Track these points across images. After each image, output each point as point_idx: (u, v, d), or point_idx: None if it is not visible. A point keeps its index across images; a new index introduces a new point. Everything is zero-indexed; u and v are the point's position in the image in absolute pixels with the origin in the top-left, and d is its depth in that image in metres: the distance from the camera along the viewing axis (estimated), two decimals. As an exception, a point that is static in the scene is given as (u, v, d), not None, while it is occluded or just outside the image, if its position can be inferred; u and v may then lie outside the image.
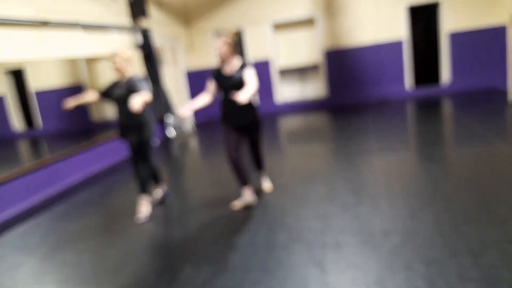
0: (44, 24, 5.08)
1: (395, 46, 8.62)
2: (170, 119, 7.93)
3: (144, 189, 3.82)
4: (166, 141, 7.78)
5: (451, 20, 8.24)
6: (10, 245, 3.60)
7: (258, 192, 3.98)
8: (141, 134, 3.68)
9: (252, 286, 2.43)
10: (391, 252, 2.59)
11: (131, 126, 3.68)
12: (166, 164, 5.90)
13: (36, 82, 5.16)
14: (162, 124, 8.04)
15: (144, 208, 3.80)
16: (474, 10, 8.05)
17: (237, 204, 3.70)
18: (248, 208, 3.63)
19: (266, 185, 4.09)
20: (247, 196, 3.68)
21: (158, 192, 4.14)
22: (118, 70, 3.65)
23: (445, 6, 8.19)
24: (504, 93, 7.12)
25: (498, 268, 2.26)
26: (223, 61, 3.47)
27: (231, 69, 3.49)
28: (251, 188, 3.73)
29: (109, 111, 7.03)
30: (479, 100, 7.26)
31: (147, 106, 3.70)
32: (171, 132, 7.92)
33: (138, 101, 3.23)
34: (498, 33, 7.87)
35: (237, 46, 3.52)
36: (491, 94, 7.64)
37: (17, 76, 4.87)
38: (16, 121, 4.93)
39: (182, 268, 2.77)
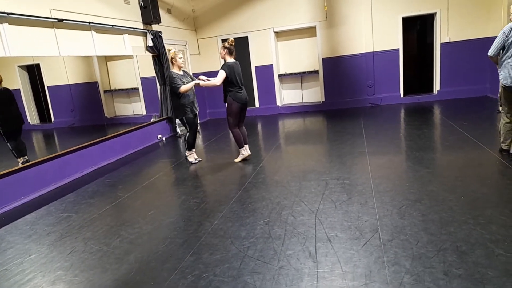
0: (58, 22, 5.04)
1: (391, 54, 8.56)
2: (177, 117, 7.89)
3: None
4: (174, 137, 7.74)
5: (446, 30, 8.17)
6: (19, 232, 3.56)
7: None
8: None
9: (249, 275, 2.38)
10: (379, 248, 2.53)
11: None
12: (173, 157, 5.86)
13: (50, 78, 5.11)
14: (169, 122, 7.99)
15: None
16: (469, 21, 7.98)
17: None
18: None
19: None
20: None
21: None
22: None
23: (440, 17, 8.12)
24: (495, 101, 7.04)
25: (484, 267, 2.19)
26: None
27: None
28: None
29: (119, 108, 6.99)
30: (470, 108, 7.20)
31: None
32: (178, 130, 7.87)
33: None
34: (490, 43, 7.77)
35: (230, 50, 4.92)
36: (482, 102, 7.58)
37: (32, 71, 4.81)
38: (30, 115, 4.88)
39: (183, 256, 2.72)
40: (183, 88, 4.84)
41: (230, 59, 4.92)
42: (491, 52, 4.05)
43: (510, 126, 4.13)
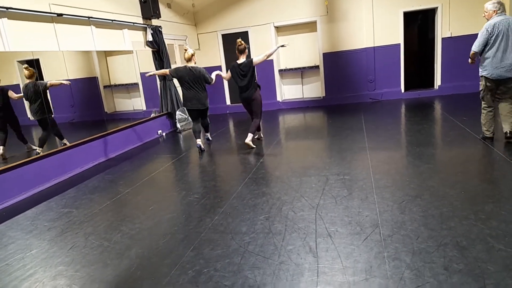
0: (57, 16, 5.01)
1: (392, 49, 8.52)
2: (177, 113, 7.87)
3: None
4: (174, 133, 7.73)
5: (447, 25, 8.12)
6: (20, 227, 3.56)
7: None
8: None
9: (249, 270, 2.39)
10: (379, 243, 2.53)
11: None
12: (173, 153, 5.86)
13: (49, 73, 5.10)
14: (170, 117, 7.98)
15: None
16: (470, 16, 7.91)
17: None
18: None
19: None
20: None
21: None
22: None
23: (442, 12, 8.07)
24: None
25: (484, 262, 2.20)
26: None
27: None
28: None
29: (119, 104, 6.98)
30: (471, 103, 7.18)
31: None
32: (178, 125, 7.86)
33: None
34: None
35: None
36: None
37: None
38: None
39: (184, 251, 2.72)
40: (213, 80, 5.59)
41: (241, 59, 5.35)
42: (476, 48, 4.34)
43: (492, 114, 4.46)
